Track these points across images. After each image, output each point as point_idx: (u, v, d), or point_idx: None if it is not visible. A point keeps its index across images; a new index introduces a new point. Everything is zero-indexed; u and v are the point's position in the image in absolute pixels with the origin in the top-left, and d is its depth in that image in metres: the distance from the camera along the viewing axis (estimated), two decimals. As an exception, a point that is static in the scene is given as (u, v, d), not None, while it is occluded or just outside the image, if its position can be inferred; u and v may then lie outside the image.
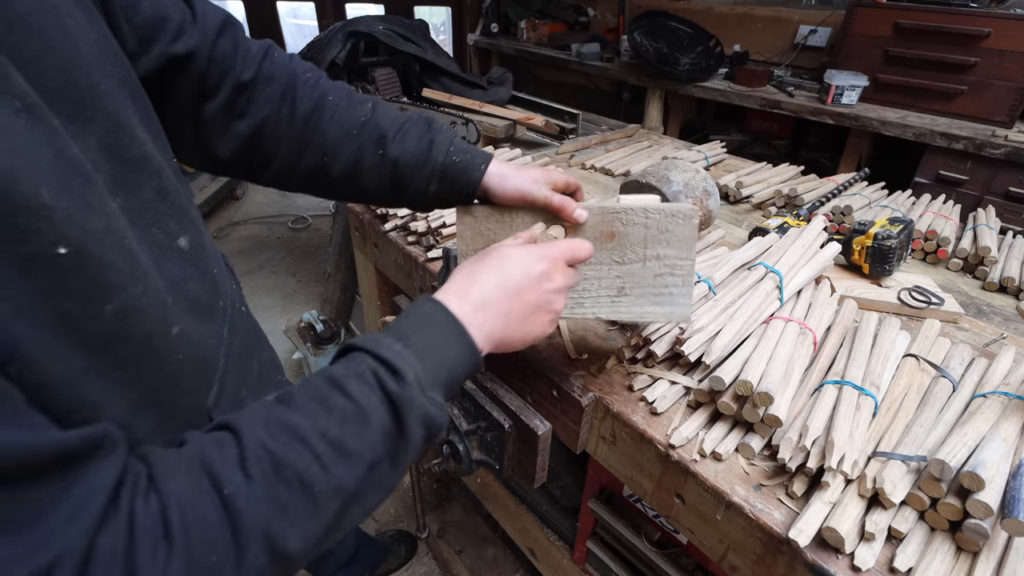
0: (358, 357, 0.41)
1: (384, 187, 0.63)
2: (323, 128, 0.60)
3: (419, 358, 0.42)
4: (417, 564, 1.55)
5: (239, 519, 0.33)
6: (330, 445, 0.37)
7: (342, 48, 2.01)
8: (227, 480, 0.34)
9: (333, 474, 0.37)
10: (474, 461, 0.87)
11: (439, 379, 0.43)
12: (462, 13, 4.28)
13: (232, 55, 0.56)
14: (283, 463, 0.35)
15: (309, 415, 0.38)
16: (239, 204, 3.59)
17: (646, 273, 0.62)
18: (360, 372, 0.40)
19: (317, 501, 0.36)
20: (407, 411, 0.40)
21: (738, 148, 2.76)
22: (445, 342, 0.44)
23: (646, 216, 0.59)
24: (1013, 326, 0.91)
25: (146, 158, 0.42)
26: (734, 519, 0.60)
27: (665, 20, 2.76)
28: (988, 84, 1.98)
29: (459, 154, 0.63)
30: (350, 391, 0.39)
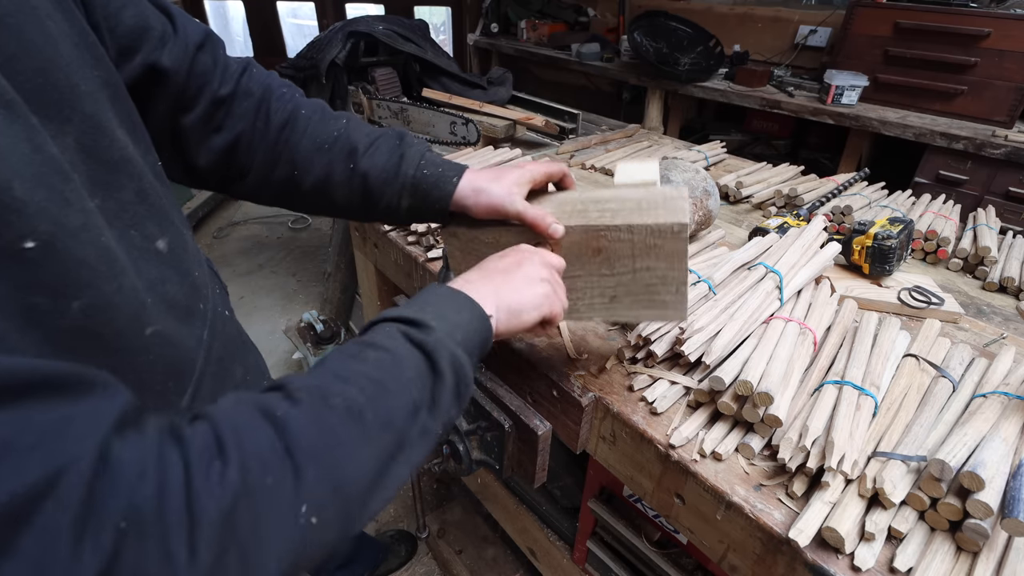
0: (376, 326, 0.43)
1: (356, 201, 0.63)
2: (295, 141, 0.61)
3: (438, 320, 0.44)
4: (417, 564, 1.55)
5: (292, 440, 0.33)
6: (371, 382, 0.38)
7: (342, 48, 2.00)
8: (276, 407, 0.34)
9: (380, 407, 0.37)
10: (474, 461, 0.87)
11: (458, 337, 0.45)
12: (462, 13, 4.29)
13: (211, 70, 0.57)
14: (329, 393, 0.36)
15: (348, 366, 0.39)
16: (239, 204, 3.59)
17: (637, 283, 0.61)
18: (385, 331, 0.42)
19: (368, 432, 0.36)
20: (438, 355, 0.42)
21: (738, 148, 2.76)
22: (455, 309, 0.47)
23: (631, 232, 0.57)
24: (1013, 326, 0.91)
25: (125, 160, 0.43)
26: (734, 519, 0.60)
27: (665, 20, 2.76)
28: (988, 84, 1.98)
29: (430, 167, 0.62)
30: (378, 343, 0.40)
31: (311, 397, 0.35)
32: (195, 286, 0.52)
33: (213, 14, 3.56)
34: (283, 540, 0.32)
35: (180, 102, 0.56)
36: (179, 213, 0.52)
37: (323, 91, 2.02)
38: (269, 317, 2.52)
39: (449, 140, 1.73)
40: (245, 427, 0.32)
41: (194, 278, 0.51)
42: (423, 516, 1.15)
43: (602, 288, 0.62)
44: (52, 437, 0.26)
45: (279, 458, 0.32)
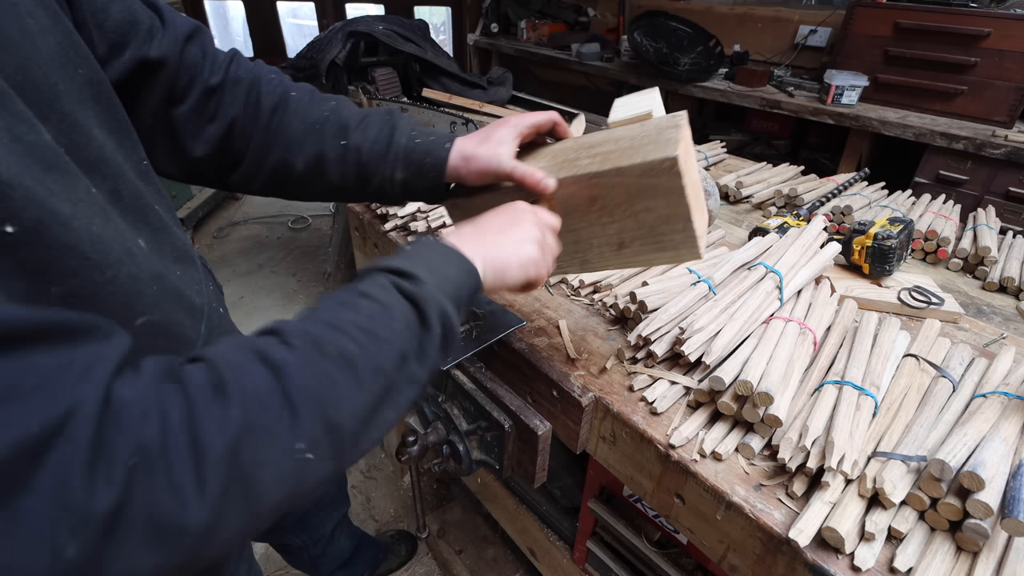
0: (366, 275, 0.43)
1: (350, 179, 0.63)
2: (287, 123, 0.61)
3: (428, 272, 0.45)
4: (417, 564, 1.55)
5: (290, 383, 0.34)
6: (363, 332, 0.38)
7: (342, 48, 2.01)
8: (273, 352, 0.35)
9: (371, 354, 0.38)
10: (474, 461, 0.87)
11: (448, 290, 0.45)
12: (462, 13, 4.29)
13: (201, 61, 0.57)
14: (324, 341, 0.37)
15: (339, 314, 0.39)
16: (239, 204, 3.59)
17: (641, 226, 0.58)
18: (375, 281, 0.42)
19: (360, 378, 0.37)
20: (427, 305, 0.42)
21: (738, 148, 2.76)
22: (445, 262, 0.47)
23: (620, 175, 0.55)
24: (1013, 326, 0.91)
25: (101, 160, 0.43)
26: (734, 519, 0.60)
27: (665, 20, 2.76)
28: (988, 84, 1.98)
29: (422, 136, 0.63)
30: (371, 293, 0.41)
31: (305, 344, 0.36)
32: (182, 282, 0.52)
33: (213, 14, 3.56)
34: (281, 474, 0.33)
35: (172, 94, 0.56)
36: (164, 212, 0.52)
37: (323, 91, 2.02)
38: (269, 317, 2.52)
39: (449, 140, 1.73)
40: (244, 369, 0.33)
41: (177, 276, 0.51)
42: (423, 516, 1.15)
43: (607, 236, 0.61)
44: (57, 380, 0.27)
45: (277, 399, 0.33)
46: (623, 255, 0.61)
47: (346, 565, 1.30)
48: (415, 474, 1.07)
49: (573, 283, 0.95)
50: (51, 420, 0.26)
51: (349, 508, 1.23)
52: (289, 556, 1.20)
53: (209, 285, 0.61)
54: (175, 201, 2.89)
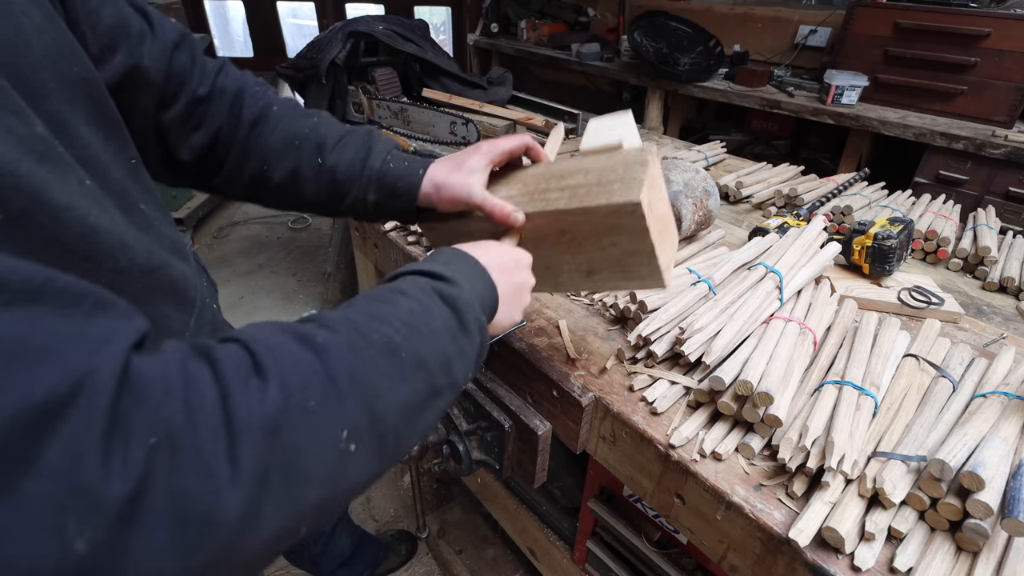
0: (404, 277, 0.44)
1: (324, 196, 0.64)
2: (265, 137, 0.62)
3: (463, 279, 0.45)
4: (417, 564, 1.55)
5: (334, 365, 0.32)
6: (405, 326, 0.38)
7: (342, 48, 2.00)
8: (314, 334, 0.33)
9: (414, 345, 0.38)
10: (474, 461, 0.87)
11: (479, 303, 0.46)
12: (462, 13, 4.29)
13: (190, 69, 0.57)
14: (367, 329, 0.36)
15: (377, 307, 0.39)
16: (239, 204, 3.59)
17: (608, 258, 0.60)
18: (417, 283, 0.42)
19: (404, 369, 0.36)
20: (465, 311, 0.43)
21: (738, 148, 2.76)
22: (476, 276, 0.48)
23: (587, 215, 0.56)
24: (1013, 326, 0.91)
25: (84, 160, 0.42)
26: (734, 519, 0.60)
27: (665, 20, 2.76)
28: (988, 84, 1.98)
29: (396, 161, 0.63)
30: (410, 293, 0.41)
31: (348, 329, 0.35)
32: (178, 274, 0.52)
33: (213, 14, 3.56)
34: (324, 465, 0.30)
35: (160, 100, 0.56)
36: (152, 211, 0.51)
37: (323, 91, 2.02)
38: (269, 317, 2.52)
39: (449, 140, 1.73)
40: (283, 349, 0.31)
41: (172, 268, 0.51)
42: (423, 516, 1.15)
43: (576, 264, 0.62)
44: (70, 345, 0.24)
45: (320, 380, 0.31)
46: (592, 280, 0.63)
47: (346, 563, 1.30)
48: (415, 474, 1.08)
49: (573, 283, 0.95)
50: (60, 388, 0.22)
51: (349, 506, 1.23)
52: (289, 554, 1.20)
53: (203, 281, 0.61)
54: (175, 201, 2.88)
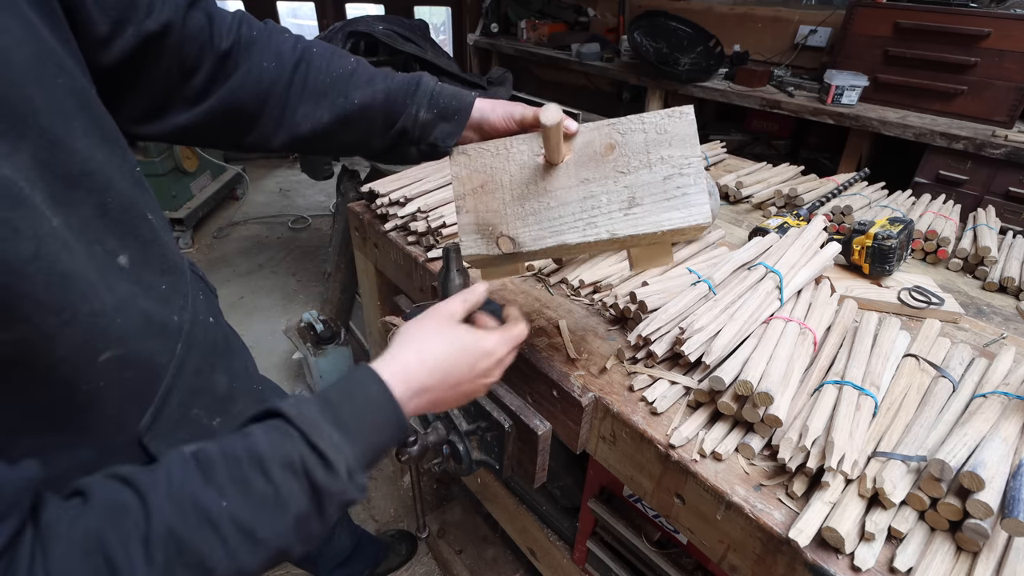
0: (291, 437, 0.40)
1: (377, 121, 0.63)
2: (312, 75, 0.61)
3: (353, 445, 0.41)
4: (417, 564, 1.55)
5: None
6: (240, 532, 0.36)
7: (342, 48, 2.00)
8: (126, 569, 0.32)
9: (238, 559, 0.36)
10: (474, 461, 0.87)
11: (367, 460, 0.43)
12: (462, 13, 4.29)
13: (207, 27, 0.56)
14: (188, 548, 0.34)
15: (225, 496, 0.36)
16: (239, 204, 3.59)
17: (654, 177, 0.58)
18: (288, 458, 0.39)
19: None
20: (329, 500, 0.40)
21: (738, 148, 2.76)
22: (382, 427, 0.45)
23: (642, 122, 0.58)
24: (1013, 326, 0.91)
25: (85, 174, 0.42)
26: (734, 519, 0.60)
27: (665, 20, 2.76)
28: (988, 84, 1.98)
29: (447, 86, 0.65)
30: (273, 477, 0.38)
31: (166, 556, 0.34)
32: (164, 298, 0.51)
33: (213, 14, 3.56)
34: None
35: (183, 66, 0.54)
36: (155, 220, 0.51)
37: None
38: (269, 317, 2.52)
39: (449, 140, 1.72)
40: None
41: (161, 291, 0.51)
42: (423, 516, 1.15)
43: (619, 191, 0.59)
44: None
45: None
46: (632, 216, 0.59)
47: (346, 563, 1.30)
48: (415, 474, 1.07)
49: (573, 283, 0.95)
50: None
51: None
52: (288, 555, 1.20)
53: (198, 295, 0.60)
54: (175, 201, 2.88)
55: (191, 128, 0.58)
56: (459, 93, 0.64)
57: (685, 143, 0.57)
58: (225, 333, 0.68)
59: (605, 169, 0.59)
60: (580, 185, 0.60)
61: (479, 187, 0.63)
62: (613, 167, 0.59)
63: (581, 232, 0.60)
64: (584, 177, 0.60)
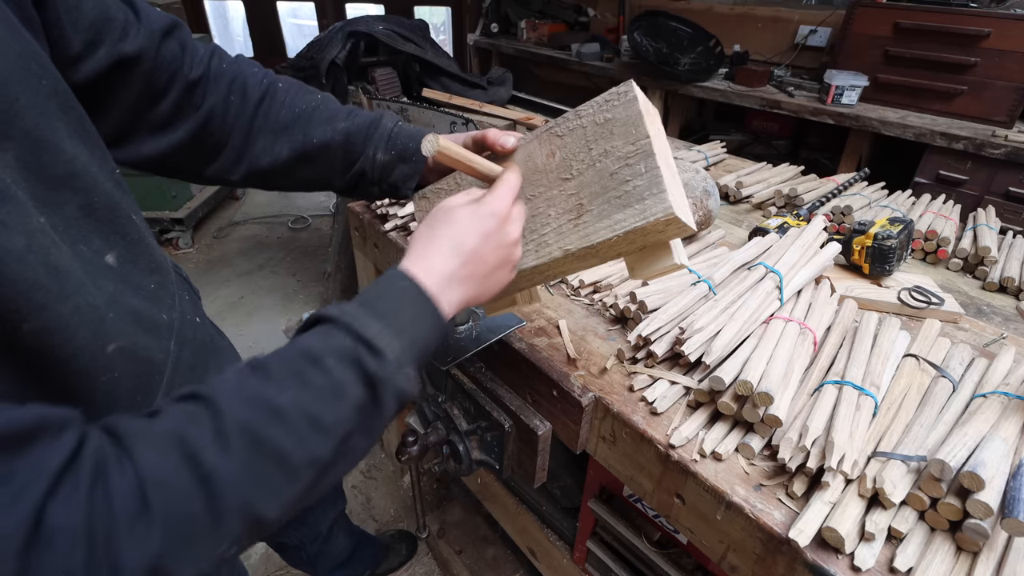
0: (335, 333, 0.41)
1: (336, 162, 0.64)
2: (275, 110, 0.62)
3: (397, 336, 0.42)
4: (417, 564, 1.55)
5: (219, 496, 0.34)
6: (307, 419, 0.38)
7: (342, 48, 2.01)
8: (206, 458, 0.34)
9: (310, 447, 0.38)
10: (474, 461, 0.87)
11: (413, 354, 0.44)
12: (462, 13, 4.29)
13: (180, 56, 0.57)
14: (262, 438, 0.36)
15: (286, 389, 0.38)
16: (239, 204, 3.59)
17: (601, 176, 0.52)
18: (339, 349, 0.40)
19: (295, 473, 0.37)
20: (384, 388, 0.41)
21: (738, 148, 2.76)
22: (420, 320, 0.45)
23: (579, 117, 0.52)
24: (1013, 326, 0.91)
25: (71, 175, 0.42)
26: (734, 519, 0.60)
27: (665, 20, 2.76)
28: (988, 84, 1.98)
29: (407, 126, 0.66)
30: (328, 367, 0.39)
31: (242, 445, 0.35)
32: (153, 297, 0.51)
33: (213, 14, 3.56)
34: (201, 568, 0.34)
35: (152, 92, 0.55)
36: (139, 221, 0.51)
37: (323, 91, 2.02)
38: (269, 317, 2.52)
39: (449, 140, 1.73)
40: (170, 483, 0.33)
41: (149, 290, 0.51)
42: (423, 516, 1.15)
43: (564, 200, 0.54)
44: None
45: (204, 512, 0.33)
46: (583, 225, 0.53)
47: (345, 564, 1.30)
48: (415, 474, 1.07)
49: (573, 283, 0.95)
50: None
51: (346, 505, 1.23)
52: (286, 554, 1.20)
53: (184, 295, 0.60)
54: (175, 201, 2.88)
55: (156, 157, 0.59)
56: (416, 133, 0.65)
57: (629, 127, 0.50)
58: (211, 334, 0.68)
59: (548, 179, 0.55)
60: (529, 203, 0.56)
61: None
62: (556, 175, 0.54)
63: (534, 255, 0.57)
64: (528, 194, 0.56)
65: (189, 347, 0.56)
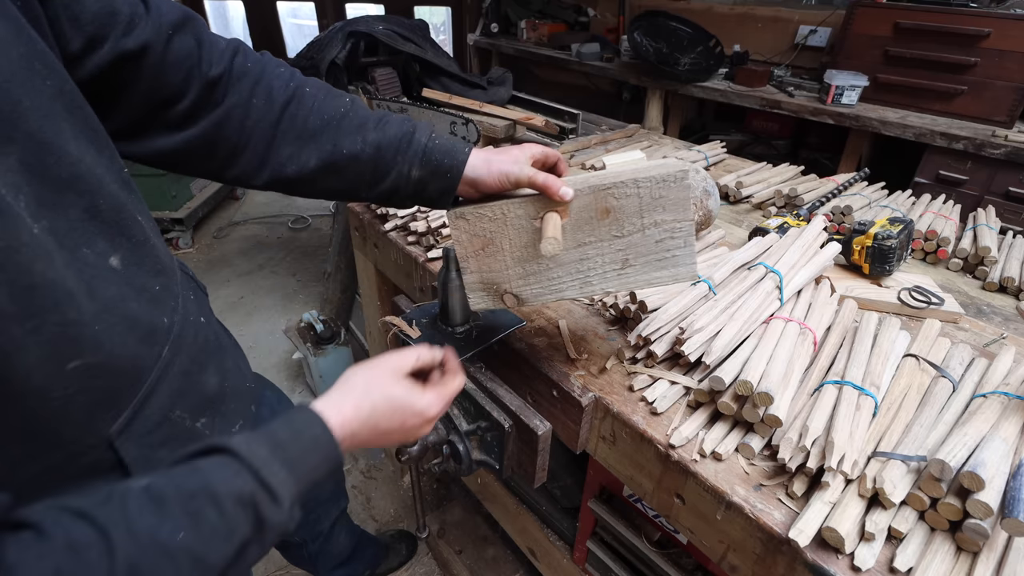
0: (241, 473, 0.42)
1: (366, 174, 0.62)
2: (302, 116, 0.59)
3: (297, 483, 0.44)
4: (417, 564, 1.55)
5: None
6: (194, 561, 0.38)
7: (342, 48, 2.01)
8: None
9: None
10: (474, 461, 0.87)
11: (302, 492, 0.46)
12: (462, 13, 4.28)
13: (195, 52, 0.54)
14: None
15: (179, 529, 0.38)
16: (239, 204, 3.59)
17: (647, 241, 0.61)
18: (239, 492, 0.41)
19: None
20: (271, 530, 0.42)
21: (738, 148, 2.76)
22: (320, 466, 0.47)
23: (637, 187, 0.59)
24: (1013, 326, 0.91)
25: (76, 177, 0.41)
26: (734, 519, 0.60)
27: (665, 20, 2.76)
28: (988, 84, 1.98)
29: (441, 139, 0.63)
30: (226, 510, 0.40)
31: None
32: (155, 300, 0.50)
33: (213, 14, 3.57)
34: None
35: (163, 85, 0.52)
36: (144, 221, 0.50)
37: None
38: (269, 317, 2.52)
39: (449, 140, 1.73)
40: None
41: (154, 292, 0.50)
42: (423, 516, 1.15)
43: (613, 253, 0.63)
44: None
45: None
46: (625, 275, 0.64)
47: (346, 563, 1.30)
48: (415, 474, 1.07)
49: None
50: None
51: (347, 504, 1.23)
52: (288, 553, 1.20)
53: (189, 295, 0.60)
54: (175, 201, 2.88)
55: (171, 154, 0.57)
56: (452, 149, 0.62)
57: (678, 208, 0.59)
58: (216, 332, 0.67)
59: (600, 232, 0.62)
60: (577, 248, 0.63)
61: (480, 249, 0.66)
62: (608, 231, 0.62)
63: (578, 289, 0.66)
64: (580, 241, 0.63)
65: (187, 351, 0.55)
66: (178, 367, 0.54)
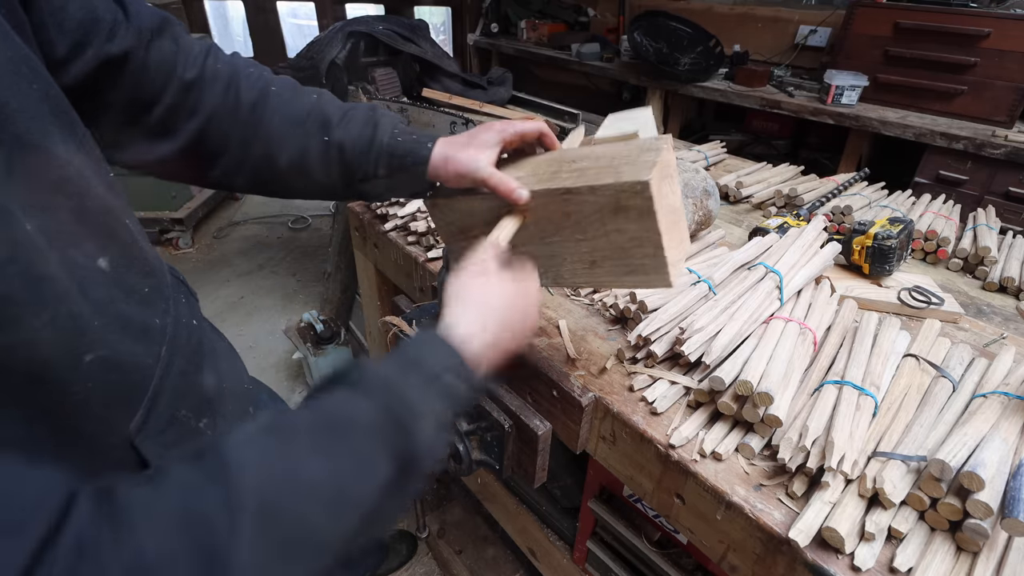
0: (372, 402, 0.41)
1: (335, 175, 0.62)
2: (268, 118, 0.59)
3: (437, 404, 0.43)
4: (417, 564, 1.55)
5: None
6: (332, 493, 0.37)
7: (342, 48, 2.00)
8: (219, 536, 0.31)
9: (333, 525, 0.37)
10: (474, 461, 0.86)
11: (444, 427, 0.45)
12: (462, 13, 4.28)
13: (173, 56, 0.55)
14: (280, 513, 0.34)
15: (316, 457, 0.37)
16: (239, 204, 3.59)
17: (612, 246, 0.57)
18: (376, 420, 0.40)
19: (315, 550, 0.36)
20: (415, 465, 0.41)
21: (738, 148, 2.76)
22: (463, 391, 0.46)
23: (594, 194, 0.54)
24: (1013, 326, 0.91)
25: (64, 179, 0.41)
26: (734, 519, 0.60)
27: (665, 20, 2.76)
28: (988, 84, 1.98)
29: (404, 135, 0.62)
30: (359, 445, 0.39)
31: (259, 520, 0.33)
32: (146, 302, 0.50)
33: (213, 14, 3.56)
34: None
35: (143, 91, 0.53)
36: (132, 224, 0.51)
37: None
38: (269, 317, 2.52)
39: (449, 140, 1.73)
40: (180, 569, 0.30)
41: (143, 294, 0.50)
42: (423, 516, 1.15)
43: (580, 253, 0.60)
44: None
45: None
46: (594, 273, 0.61)
47: (346, 564, 1.30)
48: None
49: (573, 283, 0.95)
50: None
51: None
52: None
53: (180, 298, 0.60)
54: (175, 201, 2.88)
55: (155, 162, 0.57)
56: (414, 148, 0.61)
57: (643, 218, 0.54)
58: (208, 335, 0.67)
59: (564, 233, 0.60)
60: (544, 245, 0.62)
61: (458, 232, 0.66)
62: (571, 232, 0.59)
63: (551, 279, 0.65)
64: (546, 239, 0.61)
65: (183, 352, 0.55)
66: (176, 367, 0.53)
